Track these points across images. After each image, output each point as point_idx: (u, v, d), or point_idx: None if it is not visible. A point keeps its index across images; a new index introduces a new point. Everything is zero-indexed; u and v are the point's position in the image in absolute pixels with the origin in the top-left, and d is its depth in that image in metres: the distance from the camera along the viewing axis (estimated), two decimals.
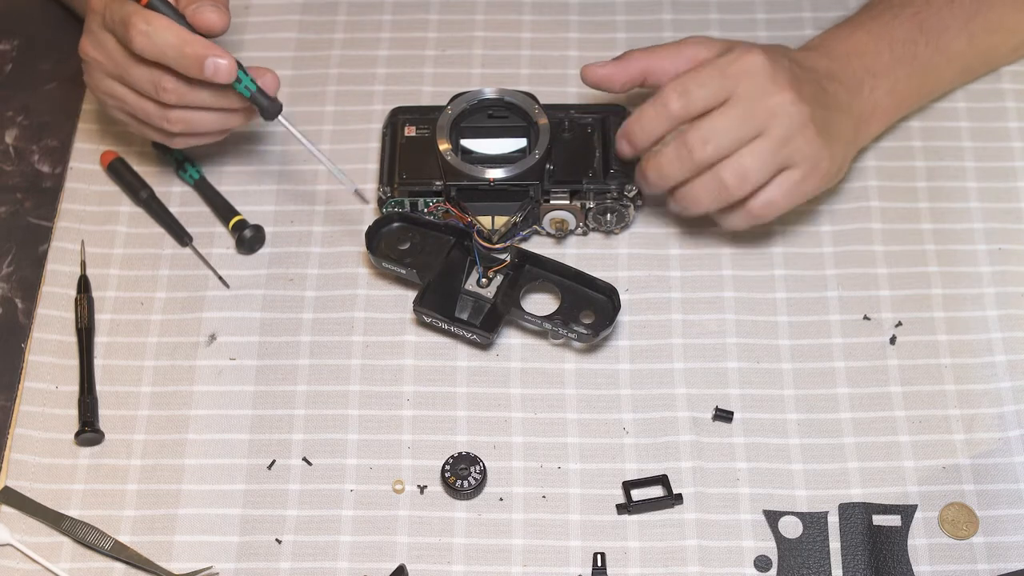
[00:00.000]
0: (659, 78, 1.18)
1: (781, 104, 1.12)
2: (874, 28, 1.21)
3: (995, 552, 1.08)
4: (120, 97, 1.17)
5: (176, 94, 1.14)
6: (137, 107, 1.17)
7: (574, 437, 1.14)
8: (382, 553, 1.09)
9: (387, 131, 1.24)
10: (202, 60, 1.11)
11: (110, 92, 1.17)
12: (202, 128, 1.17)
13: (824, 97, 1.15)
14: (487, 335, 1.15)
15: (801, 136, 1.13)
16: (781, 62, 1.14)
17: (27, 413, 1.15)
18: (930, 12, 1.22)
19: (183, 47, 1.11)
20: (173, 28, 1.12)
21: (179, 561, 1.09)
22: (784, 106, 1.12)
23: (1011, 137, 1.27)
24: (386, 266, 1.18)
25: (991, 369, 1.15)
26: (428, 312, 1.16)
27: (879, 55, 1.20)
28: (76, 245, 1.23)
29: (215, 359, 1.17)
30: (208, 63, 1.12)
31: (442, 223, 1.19)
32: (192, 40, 1.12)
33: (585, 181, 1.20)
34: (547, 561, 1.08)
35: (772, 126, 1.12)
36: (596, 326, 1.15)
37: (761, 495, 1.11)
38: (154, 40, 1.11)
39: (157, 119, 1.16)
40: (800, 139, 1.13)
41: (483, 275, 1.17)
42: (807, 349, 1.17)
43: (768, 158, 1.12)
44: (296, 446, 1.13)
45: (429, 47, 1.34)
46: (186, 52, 1.11)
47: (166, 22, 1.12)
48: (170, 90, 1.14)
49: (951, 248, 1.21)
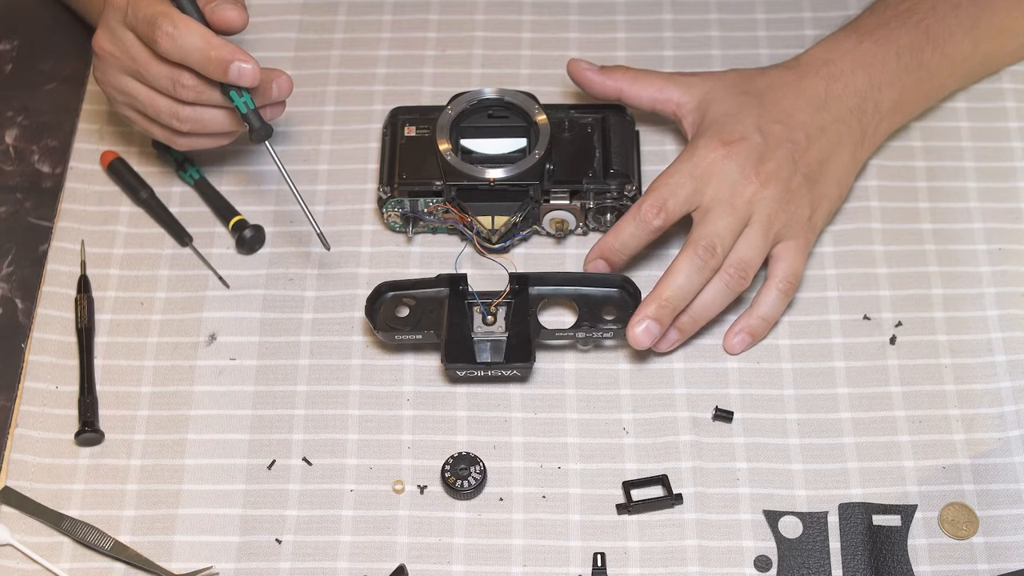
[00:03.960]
0: (632, 101, 1.23)
1: (755, 192, 1.15)
2: (880, 37, 1.21)
3: (995, 552, 1.08)
4: (132, 93, 1.17)
5: (195, 91, 1.14)
6: (149, 104, 1.17)
7: (574, 437, 1.14)
8: (382, 553, 1.09)
9: (387, 131, 1.24)
10: (227, 64, 1.12)
11: (122, 88, 1.17)
12: (212, 127, 1.17)
13: (805, 150, 1.17)
14: (526, 365, 1.14)
15: (782, 212, 1.16)
16: (746, 143, 1.16)
17: (27, 413, 1.15)
18: (935, 18, 1.22)
19: (209, 51, 1.11)
20: (199, 31, 1.12)
21: (179, 561, 1.09)
22: (757, 193, 1.15)
23: (1011, 137, 1.27)
24: (398, 338, 1.15)
25: (991, 369, 1.15)
26: (461, 366, 1.14)
27: (886, 65, 1.20)
28: (76, 245, 1.23)
29: (215, 359, 1.17)
30: (233, 67, 1.12)
31: (430, 278, 1.17)
32: (218, 44, 1.12)
33: (585, 181, 1.20)
34: (547, 561, 1.08)
35: (755, 213, 1.15)
36: (624, 317, 1.15)
37: (761, 495, 1.11)
38: (179, 43, 1.11)
39: (167, 116, 1.16)
40: (782, 215, 1.16)
41: (487, 312, 1.16)
42: (807, 349, 1.17)
43: (761, 242, 1.15)
44: (296, 446, 1.13)
45: (429, 47, 1.34)
46: (212, 56, 1.11)
47: (192, 24, 1.12)
48: (189, 87, 1.14)
49: (951, 248, 1.21)
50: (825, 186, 1.18)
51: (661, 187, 1.15)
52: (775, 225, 1.15)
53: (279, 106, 1.18)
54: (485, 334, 1.15)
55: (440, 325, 1.15)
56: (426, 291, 1.17)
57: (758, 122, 1.17)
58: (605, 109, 1.24)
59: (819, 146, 1.18)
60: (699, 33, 1.34)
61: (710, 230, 1.14)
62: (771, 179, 1.15)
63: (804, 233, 1.17)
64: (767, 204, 1.15)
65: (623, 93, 1.23)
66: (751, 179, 1.15)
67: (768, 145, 1.16)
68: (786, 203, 1.16)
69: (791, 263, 1.16)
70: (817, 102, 1.19)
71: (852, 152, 1.20)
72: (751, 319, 1.16)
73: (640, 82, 1.23)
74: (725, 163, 1.15)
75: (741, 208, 1.14)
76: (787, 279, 1.16)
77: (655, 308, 1.13)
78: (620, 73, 1.23)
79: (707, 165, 1.15)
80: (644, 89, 1.23)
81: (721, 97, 1.20)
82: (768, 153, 1.16)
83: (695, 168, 1.15)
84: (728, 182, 1.15)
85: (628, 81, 1.23)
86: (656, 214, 1.15)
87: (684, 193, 1.15)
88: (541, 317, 1.17)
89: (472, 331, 1.15)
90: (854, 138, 1.19)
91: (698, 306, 1.15)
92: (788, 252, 1.16)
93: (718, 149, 1.15)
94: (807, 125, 1.18)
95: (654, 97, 1.22)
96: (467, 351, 1.14)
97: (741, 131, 1.16)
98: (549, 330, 1.15)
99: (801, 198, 1.16)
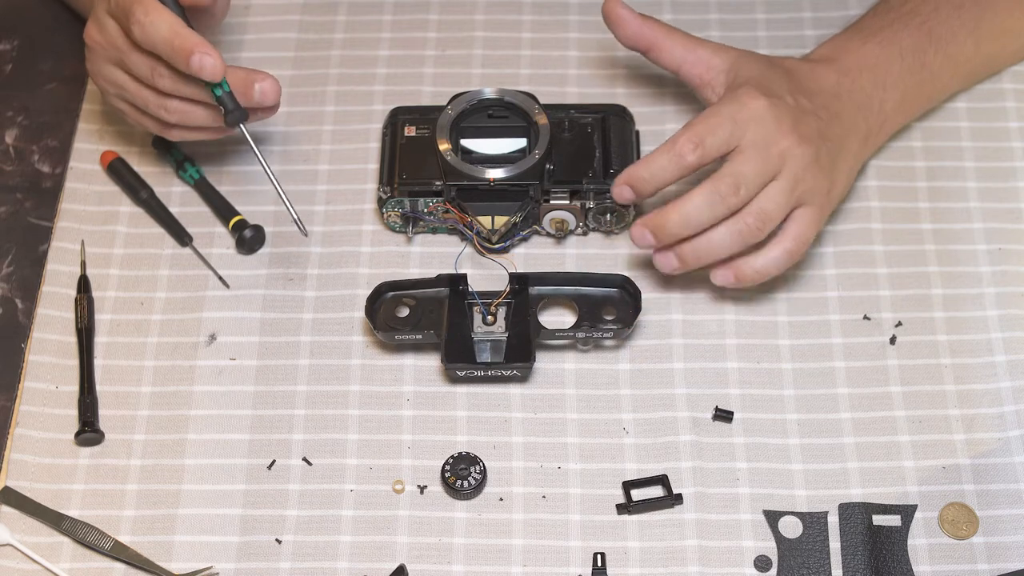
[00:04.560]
0: (661, 57, 1.21)
1: (789, 147, 1.14)
2: (883, 38, 1.21)
3: (995, 552, 1.08)
4: (120, 84, 1.17)
5: (171, 80, 1.14)
6: (137, 94, 1.17)
7: (574, 437, 1.14)
8: (382, 553, 1.09)
9: (387, 131, 1.24)
10: (189, 54, 1.12)
11: (110, 79, 1.18)
12: (197, 122, 1.17)
13: (828, 127, 1.17)
14: (526, 365, 1.14)
15: (809, 175, 1.14)
16: (783, 102, 1.15)
17: (27, 413, 1.15)
18: (938, 20, 1.22)
19: (173, 40, 1.12)
20: (168, 20, 1.12)
21: (179, 561, 1.09)
22: (791, 149, 1.14)
23: (1011, 137, 1.27)
24: (398, 338, 1.15)
25: (991, 369, 1.15)
26: (461, 366, 1.14)
27: (889, 66, 1.20)
28: (76, 245, 1.23)
29: (215, 359, 1.17)
30: (195, 58, 1.12)
31: (430, 278, 1.17)
32: (184, 34, 1.12)
33: (585, 181, 1.20)
34: (547, 561, 1.08)
35: (785, 168, 1.14)
36: (624, 318, 1.15)
37: (761, 495, 1.11)
38: (148, 31, 1.12)
39: (155, 107, 1.17)
40: (809, 178, 1.14)
41: (487, 312, 1.17)
42: (807, 349, 1.17)
43: (784, 199, 1.14)
44: (296, 446, 1.13)
45: (429, 47, 1.34)
46: (175, 45, 1.12)
47: (164, 13, 1.12)
48: (166, 76, 1.14)
49: (951, 248, 1.21)
50: (841, 167, 1.17)
51: (700, 124, 1.14)
52: (800, 186, 1.14)
53: (269, 110, 1.18)
54: (485, 334, 1.15)
55: (440, 325, 1.15)
56: (426, 291, 1.17)
57: (790, 90, 1.17)
58: (605, 109, 1.24)
59: (837, 128, 1.17)
60: (699, 33, 1.32)
61: (739, 169, 1.13)
62: (805, 140, 1.14)
63: (822, 204, 1.16)
64: (797, 162, 1.14)
65: (654, 45, 1.20)
66: (787, 134, 1.14)
67: (800, 111, 1.16)
68: (813, 169, 1.14)
69: (805, 228, 1.15)
70: (831, 91, 1.19)
71: (859, 146, 1.20)
72: (747, 264, 1.15)
73: (673, 37, 1.21)
74: (766, 112, 1.14)
75: (774, 159, 1.13)
76: (797, 240, 1.15)
77: (655, 221, 1.14)
78: (656, 24, 1.21)
79: (749, 111, 1.14)
80: (676, 45, 1.20)
81: (752, 63, 1.19)
82: (801, 118, 1.15)
83: (737, 112, 1.14)
84: (765, 131, 1.14)
85: (663, 34, 1.20)
86: (692, 150, 1.13)
87: (723, 134, 1.13)
88: (541, 317, 1.17)
89: (472, 331, 1.15)
90: (860, 134, 1.19)
91: (704, 241, 1.14)
92: (805, 217, 1.15)
93: (760, 99, 1.14)
94: (828, 107, 1.18)
95: (683, 56, 1.20)
96: (467, 351, 1.14)
97: (778, 91, 1.16)
98: (549, 330, 1.15)
99: (824, 169, 1.15)
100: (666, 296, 1.19)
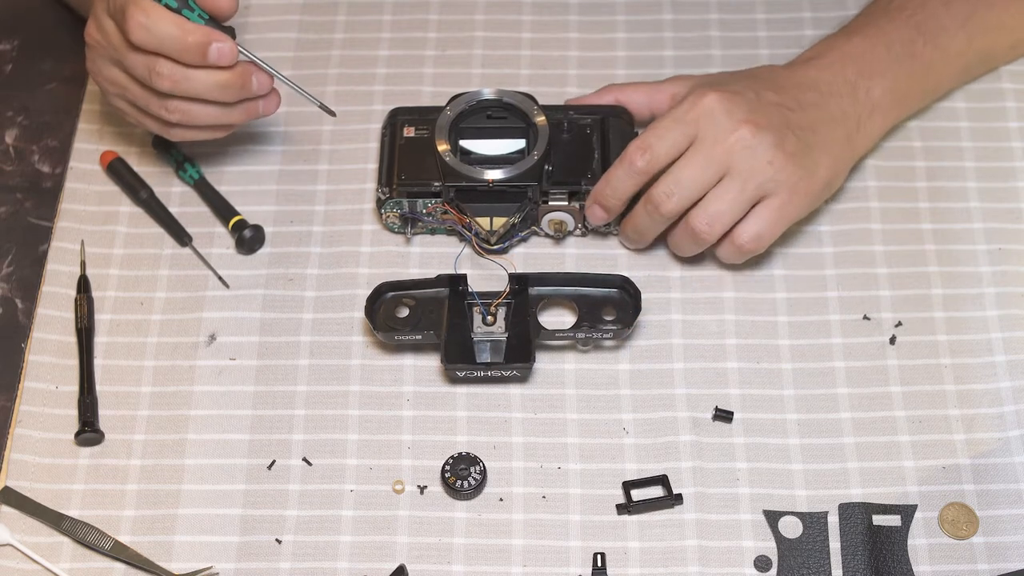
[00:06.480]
0: (633, 109, 1.23)
1: (741, 139, 1.13)
2: (869, 32, 1.21)
3: (995, 552, 1.08)
4: (121, 84, 1.17)
5: (171, 80, 1.14)
6: (138, 94, 1.17)
7: (574, 437, 1.14)
8: (382, 553, 1.09)
9: (386, 132, 1.24)
10: (206, 47, 1.12)
11: (111, 78, 1.18)
12: (200, 120, 1.17)
13: (799, 117, 1.16)
14: (526, 366, 1.14)
15: (770, 166, 1.14)
16: (742, 95, 1.15)
17: (27, 413, 1.15)
18: (926, 14, 1.22)
19: (185, 37, 1.12)
20: (170, 18, 1.12)
21: (179, 561, 1.09)
22: (744, 140, 1.13)
23: (1011, 137, 1.27)
24: (398, 339, 1.15)
25: (991, 369, 1.15)
26: (461, 366, 1.14)
27: (875, 56, 1.20)
28: (76, 245, 1.23)
29: (215, 359, 1.17)
30: (212, 49, 1.12)
31: (429, 278, 1.17)
32: (192, 28, 1.12)
33: (584, 182, 1.20)
34: (547, 561, 1.08)
35: (734, 163, 1.14)
36: (624, 318, 1.15)
37: (761, 495, 1.11)
38: (153, 32, 1.12)
39: (156, 107, 1.16)
40: (769, 168, 1.14)
41: (487, 313, 1.16)
42: (807, 349, 1.17)
43: (736, 196, 1.14)
44: (296, 446, 1.13)
45: (429, 47, 1.34)
46: (189, 41, 1.12)
47: (164, 12, 1.12)
48: (165, 75, 1.14)
49: (951, 248, 1.21)
50: (820, 156, 1.16)
51: (649, 131, 1.15)
52: (757, 177, 1.14)
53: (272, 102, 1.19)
54: (485, 334, 1.15)
55: (440, 325, 1.15)
56: (426, 291, 1.17)
57: (754, 87, 1.17)
58: (604, 110, 1.24)
59: (811, 115, 1.17)
60: (699, 33, 1.34)
61: (678, 175, 1.14)
62: (761, 128, 1.14)
63: (791, 194, 1.15)
64: (752, 153, 1.13)
65: (622, 102, 1.23)
66: (741, 123, 1.14)
67: (761, 102, 1.16)
68: (776, 156, 1.13)
69: (763, 224, 1.15)
70: (807, 83, 1.18)
71: (847, 136, 1.18)
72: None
73: (633, 88, 1.23)
74: (716, 104, 1.14)
75: (719, 156, 1.13)
76: (751, 238, 1.15)
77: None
78: (614, 87, 1.24)
79: (698, 108, 1.14)
80: (637, 93, 1.23)
81: (717, 76, 1.21)
82: (760, 107, 1.15)
83: (687, 112, 1.14)
84: (715, 125, 1.14)
85: (622, 91, 1.23)
86: (641, 156, 1.14)
87: (672, 137, 1.14)
88: (541, 317, 1.17)
89: (472, 331, 1.15)
90: (848, 123, 1.18)
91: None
92: (764, 211, 1.15)
93: (710, 93, 1.15)
94: (798, 98, 1.17)
95: (649, 99, 1.22)
96: (467, 351, 1.14)
97: (734, 88, 1.16)
98: (549, 330, 1.15)
99: (793, 157, 1.14)
100: (666, 296, 1.19)
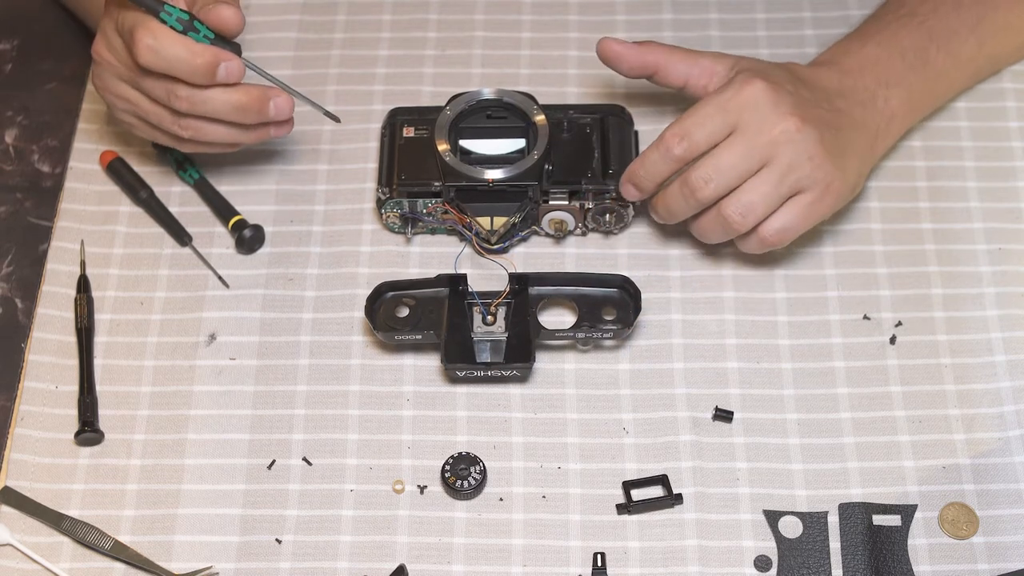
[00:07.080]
0: (667, 77, 1.19)
1: (785, 132, 1.12)
2: (883, 39, 1.21)
3: (995, 552, 1.08)
4: (133, 101, 1.17)
5: (189, 102, 1.14)
6: (150, 110, 1.16)
7: (574, 437, 1.14)
8: (382, 553, 1.09)
9: (386, 132, 1.24)
10: (214, 68, 1.12)
11: (122, 95, 1.17)
12: (212, 138, 1.17)
13: (834, 117, 1.15)
14: (526, 366, 1.14)
15: (809, 161, 1.13)
16: (784, 88, 1.14)
17: (27, 413, 1.15)
18: (937, 19, 1.22)
19: (194, 59, 1.11)
20: (179, 40, 1.11)
21: (179, 561, 1.09)
22: (789, 133, 1.12)
23: (1011, 137, 1.27)
24: (398, 338, 1.15)
25: (991, 369, 1.15)
26: (461, 366, 1.14)
27: (891, 65, 1.20)
28: (76, 245, 1.23)
29: (215, 359, 1.17)
30: (221, 69, 1.12)
31: (429, 278, 1.17)
32: (200, 50, 1.12)
33: (584, 181, 1.20)
34: (547, 561, 1.08)
35: (777, 155, 1.12)
36: (624, 318, 1.15)
37: (761, 495, 1.11)
38: (161, 55, 1.11)
39: (169, 123, 1.16)
40: (808, 164, 1.13)
41: (487, 312, 1.16)
42: (807, 349, 1.17)
43: (772, 189, 1.13)
44: (296, 446, 1.13)
45: (429, 47, 1.34)
46: (197, 63, 1.11)
47: (171, 34, 1.11)
48: (183, 98, 1.14)
49: (951, 248, 1.21)
50: (849, 159, 1.15)
51: (688, 116, 1.13)
52: (796, 172, 1.12)
53: (285, 125, 1.19)
54: (485, 334, 1.15)
55: (440, 325, 1.15)
56: (426, 291, 1.17)
57: (792, 81, 1.16)
58: (604, 109, 1.24)
59: (841, 119, 1.16)
60: (699, 33, 1.34)
61: (716, 162, 1.12)
62: (807, 122, 1.12)
63: (824, 192, 1.14)
64: (795, 147, 1.12)
65: (658, 68, 1.19)
66: (787, 116, 1.12)
67: (802, 99, 1.14)
68: (816, 153, 1.12)
69: (792, 218, 1.14)
70: (834, 89, 1.18)
71: (868, 144, 1.18)
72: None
73: (674, 55, 1.19)
74: (762, 95, 1.12)
75: (762, 148, 1.12)
76: (777, 232, 1.14)
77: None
78: (655, 47, 1.20)
79: (742, 97, 1.12)
80: (678, 62, 1.19)
81: (754, 62, 1.18)
82: (802, 104, 1.14)
83: (729, 100, 1.13)
84: (760, 116, 1.12)
85: (664, 55, 1.19)
86: (678, 143, 1.13)
87: (712, 125, 1.12)
88: (541, 317, 1.17)
89: (472, 331, 1.15)
90: (867, 131, 1.18)
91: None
92: (794, 207, 1.14)
93: (757, 82, 1.13)
94: (831, 102, 1.16)
95: (688, 71, 1.19)
96: (467, 351, 1.14)
97: (778, 80, 1.14)
98: (549, 330, 1.15)
99: (831, 155, 1.13)
100: (666, 296, 1.19)
